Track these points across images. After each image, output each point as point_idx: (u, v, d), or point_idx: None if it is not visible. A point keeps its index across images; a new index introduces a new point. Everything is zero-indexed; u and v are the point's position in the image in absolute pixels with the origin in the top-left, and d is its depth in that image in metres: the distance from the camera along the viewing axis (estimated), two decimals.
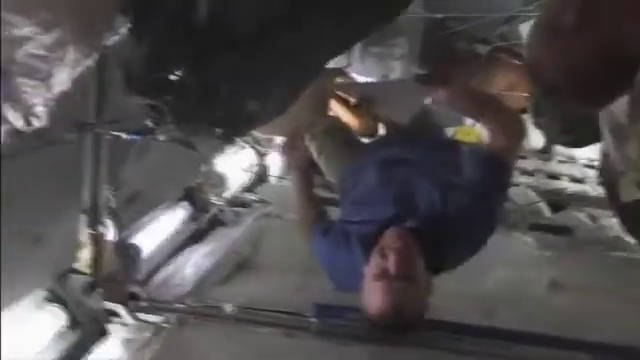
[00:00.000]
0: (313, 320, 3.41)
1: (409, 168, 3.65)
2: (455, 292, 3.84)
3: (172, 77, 2.63)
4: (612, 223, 5.17)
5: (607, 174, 4.47)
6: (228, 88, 2.74)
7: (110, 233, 3.59)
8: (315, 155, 4.53)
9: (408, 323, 3.09)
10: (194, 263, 4.46)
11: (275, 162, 6.42)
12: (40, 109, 2.34)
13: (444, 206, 3.34)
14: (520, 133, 3.81)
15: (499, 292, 4.32)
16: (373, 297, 3.05)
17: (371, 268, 3.07)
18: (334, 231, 3.54)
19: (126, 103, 2.79)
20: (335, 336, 3.36)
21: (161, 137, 2.80)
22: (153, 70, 2.65)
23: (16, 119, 2.29)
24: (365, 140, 4.95)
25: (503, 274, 4.54)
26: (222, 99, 2.76)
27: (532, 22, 5.69)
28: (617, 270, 4.86)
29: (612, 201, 4.59)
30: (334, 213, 3.88)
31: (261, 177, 6.13)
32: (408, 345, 3.30)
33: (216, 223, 5.26)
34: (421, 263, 3.12)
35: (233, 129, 3.19)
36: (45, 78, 2.30)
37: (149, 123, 2.76)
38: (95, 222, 3.48)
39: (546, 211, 5.68)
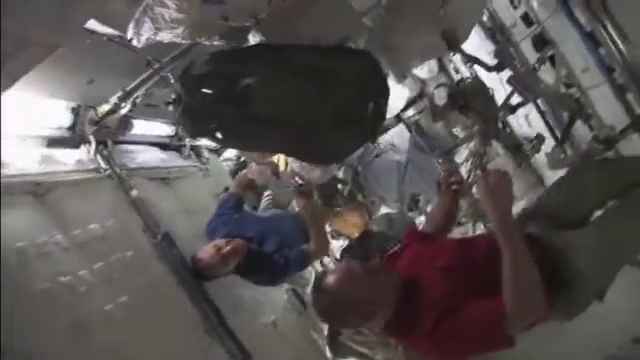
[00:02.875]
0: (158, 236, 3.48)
1: (274, 227, 4.17)
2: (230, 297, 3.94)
3: (205, 91, 2.69)
4: None
5: None
6: (222, 131, 2.83)
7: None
8: None
9: (203, 275, 3.55)
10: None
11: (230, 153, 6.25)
12: (143, 39, 2.41)
13: (272, 254, 3.84)
14: (323, 253, 4.22)
15: (252, 309, 4.30)
16: (203, 251, 3.53)
17: (217, 242, 3.56)
18: (227, 218, 4.03)
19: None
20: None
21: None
22: (199, 83, 2.72)
23: (129, 34, 2.36)
24: None
25: (263, 304, 4.50)
26: (214, 131, 2.84)
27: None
28: None
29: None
30: None
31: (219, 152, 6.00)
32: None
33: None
34: (235, 262, 3.59)
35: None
36: (157, 30, 2.38)
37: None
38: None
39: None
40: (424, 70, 5.61)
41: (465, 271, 2.16)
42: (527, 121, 4.70)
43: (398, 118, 6.35)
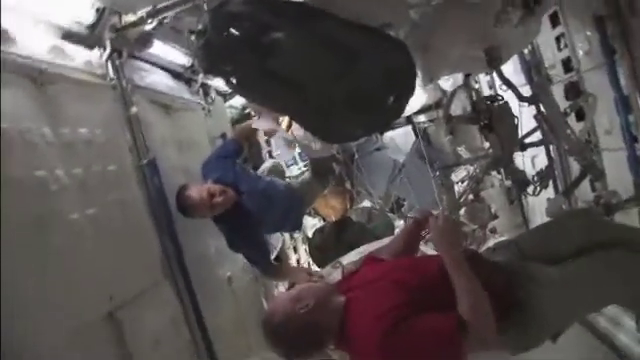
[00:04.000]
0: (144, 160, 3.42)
1: (264, 193, 4.21)
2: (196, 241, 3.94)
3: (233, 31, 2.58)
4: None
5: None
6: (237, 77, 2.75)
7: None
8: None
9: (184, 211, 3.58)
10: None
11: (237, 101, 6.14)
12: None
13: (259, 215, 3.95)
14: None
15: (213, 259, 4.30)
16: (195, 190, 3.59)
17: (212, 187, 3.66)
18: (227, 164, 3.99)
19: None
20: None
21: None
22: (230, 21, 2.62)
23: None
24: None
25: (224, 257, 4.45)
26: (229, 75, 2.77)
27: None
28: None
29: None
30: None
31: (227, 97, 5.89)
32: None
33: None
34: (220, 211, 3.71)
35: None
36: None
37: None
38: None
39: None
40: (448, 82, 5.52)
41: (418, 287, 2.17)
42: (532, 162, 4.65)
43: (409, 119, 6.29)
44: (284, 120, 4.71)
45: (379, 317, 2.01)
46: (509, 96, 3.54)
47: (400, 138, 6.62)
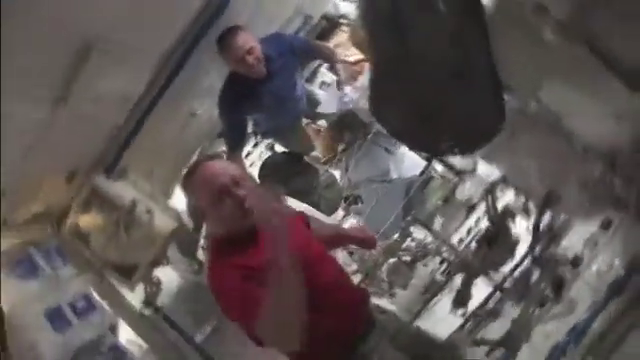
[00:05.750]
0: None
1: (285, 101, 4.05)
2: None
3: None
4: None
5: None
6: None
7: None
8: None
9: (219, 45, 3.49)
10: None
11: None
12: None
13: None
14: None
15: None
16: (243, 38, 3.41)
17: (256, 48, 3.54)
18: (286, 57, 3.84)
19: None
20: None
21: None
22: None
23: None
24: None
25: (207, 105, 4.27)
26: None
27: None
28: None
29: None
30: None
31: None
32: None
33: None
34: (243, 70, 3.57)
35: None
36: None
37: None
38: None
39: None
40: (485, 173, 5.34)
41: (310, 271, 1.88)
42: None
43: (429, 159, 6.12)
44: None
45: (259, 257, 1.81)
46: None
47: (409, 160, 6.45)
